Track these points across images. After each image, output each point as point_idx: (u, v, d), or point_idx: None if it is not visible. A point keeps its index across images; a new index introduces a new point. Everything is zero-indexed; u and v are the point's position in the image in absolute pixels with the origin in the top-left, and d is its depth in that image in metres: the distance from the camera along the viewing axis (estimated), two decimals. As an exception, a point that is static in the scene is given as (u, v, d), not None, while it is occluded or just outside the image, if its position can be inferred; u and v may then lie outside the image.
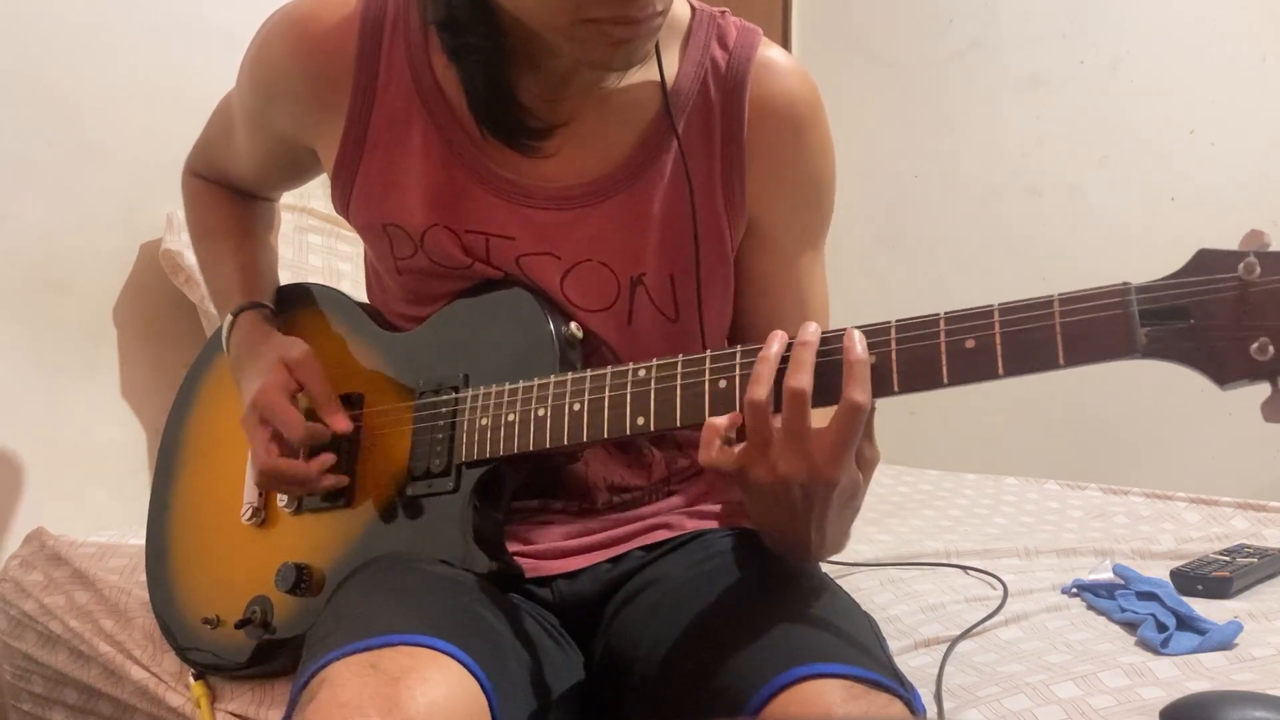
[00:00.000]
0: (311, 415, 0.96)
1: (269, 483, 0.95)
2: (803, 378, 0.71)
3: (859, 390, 0.70)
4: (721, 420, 0.74)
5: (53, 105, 1.54)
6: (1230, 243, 0.65)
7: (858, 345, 0.71)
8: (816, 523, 0.75)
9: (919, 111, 2.47)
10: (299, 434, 0.93)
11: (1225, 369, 0.63)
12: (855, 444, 0.71)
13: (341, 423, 0.95)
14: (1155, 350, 0.65)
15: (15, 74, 1.50)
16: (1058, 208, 2.29)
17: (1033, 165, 2.31)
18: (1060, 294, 0.67)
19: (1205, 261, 0.64)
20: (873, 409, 0.73)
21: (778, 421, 0.72)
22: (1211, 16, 2.09)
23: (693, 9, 0.95)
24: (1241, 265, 0.63)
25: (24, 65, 1.50)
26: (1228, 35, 2.07)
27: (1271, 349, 0.62)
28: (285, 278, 1.14)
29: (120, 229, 1.62)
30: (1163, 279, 0.65)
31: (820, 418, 0.72)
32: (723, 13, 0.95)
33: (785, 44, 2.59)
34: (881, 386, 0.72)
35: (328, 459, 0.94)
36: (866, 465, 0.75)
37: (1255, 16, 2.05)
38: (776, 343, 0.74)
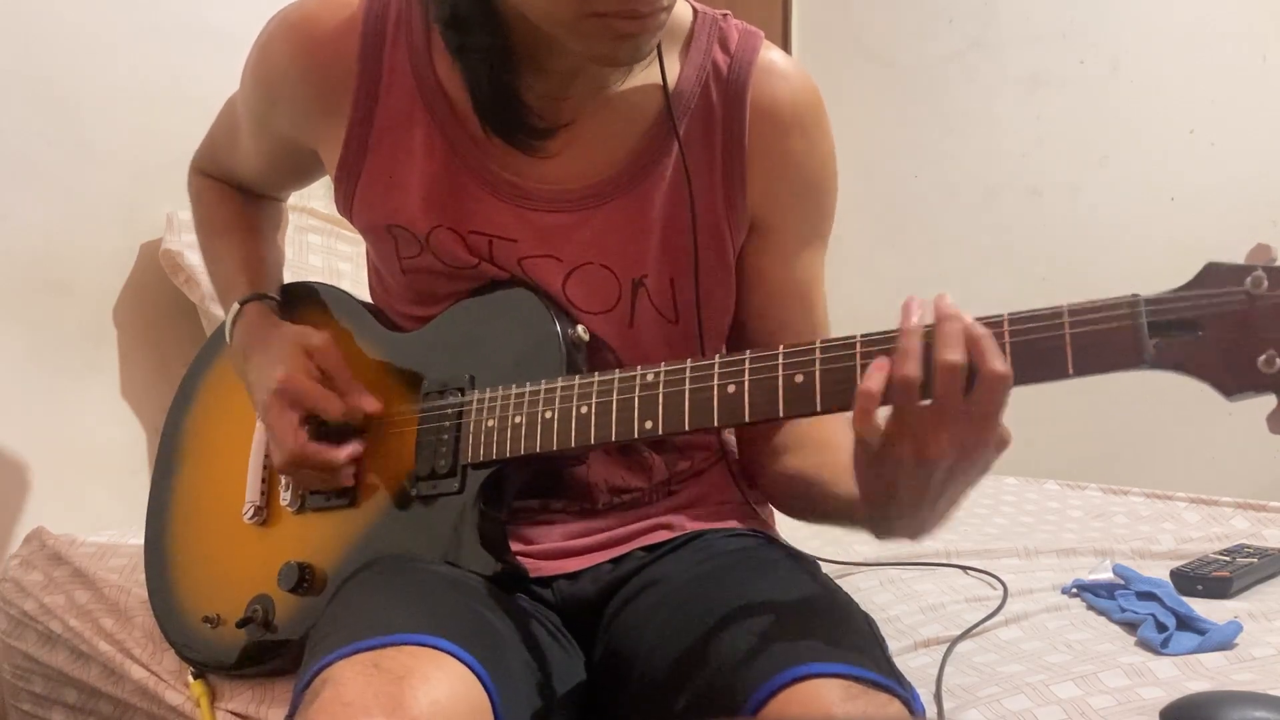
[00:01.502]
0: None
1: (294, 469, 0.94)
2: (958, 352, 0.68)
3: (998, 360, 0.67)
4: (876, 384, 0.69)
5: (53, 105, 1.54)
6: (1231, 244, 0.67)
7: (972, 323, 0.69)
8: (944, 504, 0.73)
9: (919, 111, 2.47)
10: (338, 411, 0.93)
11: (1233, 381, 0.64)
12: (1000, 418, 0.69)
13: (372, 403, 0.95)
14: (1164, 361, 0.66)
15: (15, 74, 1.49)
16: (1058, 208, 2.29)
17: (1033, 165, 2.31)
18: (1070, 305, 0.68)
19: (1213, 275, 0.66)
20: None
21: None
22: (1211, 16, 2.09)
23: (695, 12, 0.95)
24: (1249, 279, 0.64)
25: (24, 65, 1.50)
26: (1228, 35, 2.07)
27: (1279, 362, 0.63)
28: (286, 278, 1.14)
29: (120, 229, 1.62)
30: (1171, 291, 0.66)
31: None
32: (724, 16, 0.95)
33: (785, 45, 2.59)
34: None
35: (357, 447, 0.94)
36: (1000, 445, 0.71)
37: (1255, 16, 2.05)
38: (916, 313, 0.71)
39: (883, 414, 0.71)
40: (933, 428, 0.68)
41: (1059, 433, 2.27)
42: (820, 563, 0.96)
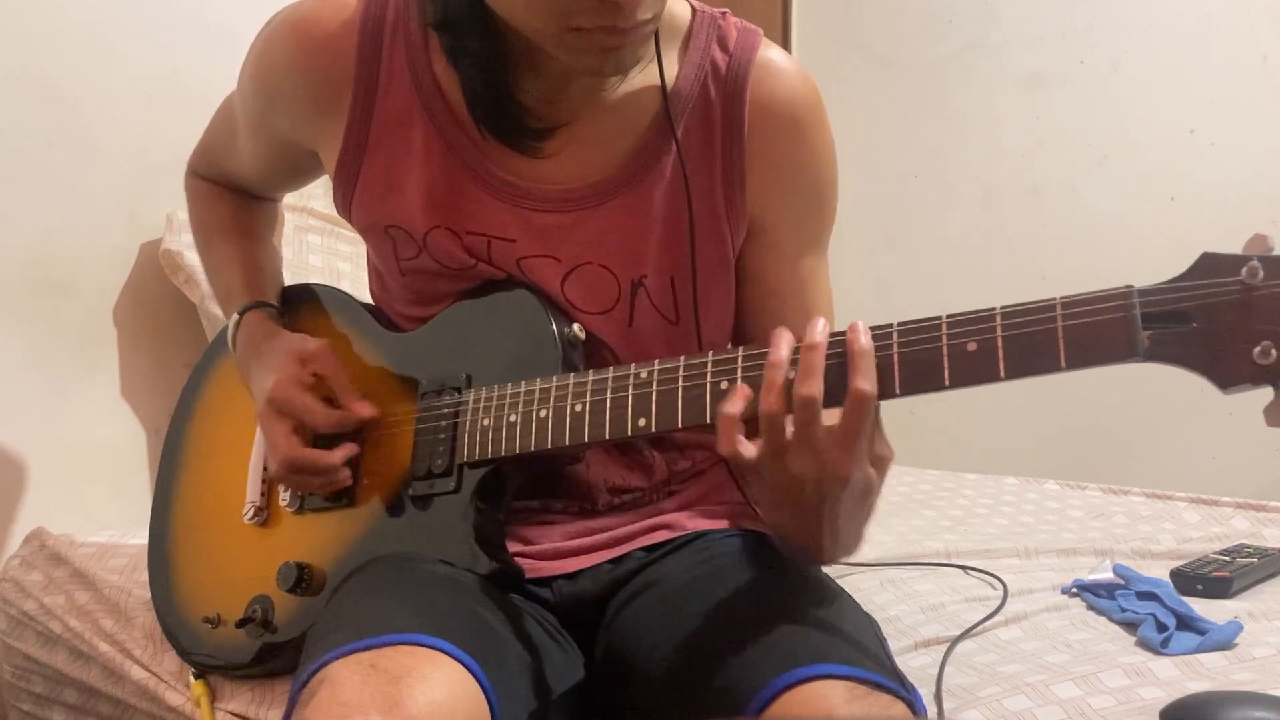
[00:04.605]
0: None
1: (291, 476, 0.94)
2: (814, 385, 0.70)
3: (864, 380, 0.70)
4: (735, 407, 0.73)
5: (53, 105, 1.54)
6: (1231, 243, 0.65)
7: (862, 336, 0.71)
8: (829, 522, 0.75)
9: (919, 111, 2.47)
10: (326, 421, 0.93)
11: (1228, 373, 0.63)
12: (865, 437, 0.71)
13: (366, 409, 0.94)
14: (1157, 354, 0.65)
15: (15, 74, 1.50)
16: (1058, 208, 2.29)
17: (1033, 165, 2.31)
18: (1062, 297, 0.67)
19: (1208, 265, 0.64)
20: (878, 405, 0.73)
21: (790, 423, 0.72)
22: (1211, 16, 2.09)
23: (693, 10, 0.94)
24: (1245, 269, 0.63)
25: (24, 65, 1.50)
26: (1228, 35, 2.07)
27: (1274, 353, 0.62)
28: (285, 278, 1.14)
29: (120, 229, 1.62)
30: (1165, 282, 0.65)
31: (829, 416, 0.72)
32: (723, 14, 0.95)
33: (785, 44, 2.59)
34: (883, 388, 0.72)
35: (350, 448, 0.94)
36: (880, 463, 0.74)
37: (1255, 16, 2.05)
38: (785, 345, 0.73)
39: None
40: (794, 447, 0.71)
41: (1059, 433, 2.28)
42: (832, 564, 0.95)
